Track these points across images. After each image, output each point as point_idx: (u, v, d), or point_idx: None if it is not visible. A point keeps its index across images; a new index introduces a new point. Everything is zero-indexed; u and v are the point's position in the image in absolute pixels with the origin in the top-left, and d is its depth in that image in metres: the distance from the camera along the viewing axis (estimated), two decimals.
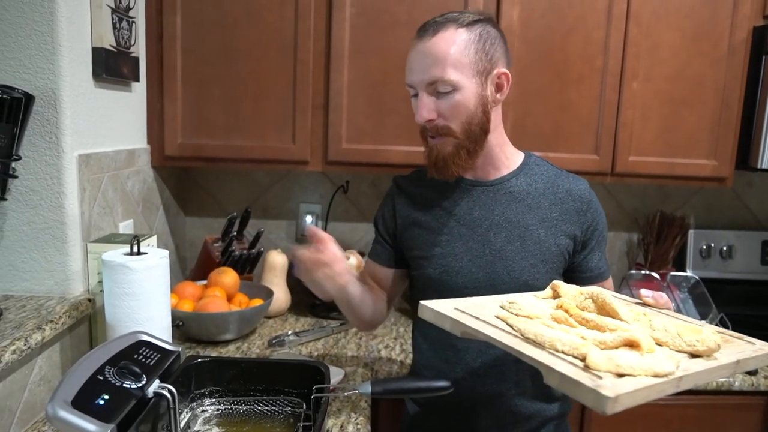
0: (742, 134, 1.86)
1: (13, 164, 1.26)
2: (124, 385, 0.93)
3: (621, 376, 0.68)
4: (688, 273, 2.12)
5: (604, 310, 0.92)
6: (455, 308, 0.94)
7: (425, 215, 1.28)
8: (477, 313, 0.91)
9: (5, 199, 1.28)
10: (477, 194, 1.26)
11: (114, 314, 1.25)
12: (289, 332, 1.74)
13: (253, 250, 1.97)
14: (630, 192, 2.24)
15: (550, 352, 0.76)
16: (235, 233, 1.97)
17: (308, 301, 2.05)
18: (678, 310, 1.89)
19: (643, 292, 1.02)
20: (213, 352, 1.61)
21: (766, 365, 0.81)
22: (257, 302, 1.76)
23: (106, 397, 0.89)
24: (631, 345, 0.76)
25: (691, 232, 2.20)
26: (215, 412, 1.10)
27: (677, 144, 1.86)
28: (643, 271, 2.06)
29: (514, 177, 1.26)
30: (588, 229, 1.26)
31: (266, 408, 1.11)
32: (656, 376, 0.68)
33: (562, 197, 1.25)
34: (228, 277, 1.78)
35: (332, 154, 1.81)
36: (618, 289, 1.76)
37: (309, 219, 2.19)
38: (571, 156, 1.81)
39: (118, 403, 0.89)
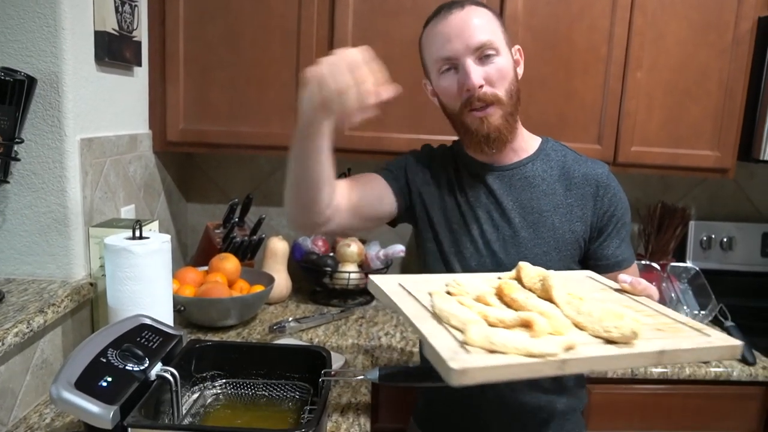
0: (745, 126, 1.86)
1: (15, 147, 1.26)
2: (127, 367, 0.93)
3: (494, 352, 0.69)
4: (688, 264, 2.13)
5: (547, 292, 0.91)
6: (399, 284, 0.94)
7: (440, 195, 1.27)
8: (415, 289, 0.91)
9: (7, 182, 1.28)
10: (492, 178, 1.24)
11: (116, 298, 1.25)
12: (290, 319, 1.75)
13: (255, 237, 1.97)
14: (632, 182, 2.24)
15: (445, 327, 0.76)
16: (236, 219, 1.97)
17: (309, 288, 2.06)
18: (678, 301, 1.90)
19: (621, 277, 1.00)
20: (214, 338, 1.61)
21: (715, 359, 0.79)
22: (258, 288, 1.76)
23: (109, 379, 0.89)
24: (527, 325, 0.76)
25: (691, 223, 2.20)
26: (218, 396, 1.10)
27: (680, 134, 1.85)
28: (643, 262, 2.05)
29: (531, 162, 1.25)
30: (605, 215, 1.22)
31: (269, 392, 1.11)
32: (530, 355, 0.68)
33: (578, 182, 1.23)
34: (229, 263, 1.78)
35: (334, 141, 1.80)
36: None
37: None
38: (574, 145, 1.75)
39: (121, 386, 0.89)
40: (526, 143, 1.27)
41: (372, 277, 0.98)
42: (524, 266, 1.00)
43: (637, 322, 0.77)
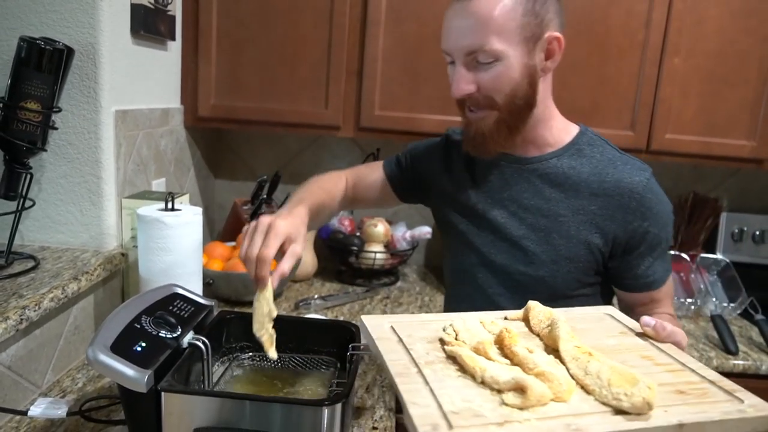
0: None
1: (53, 116, 1.28)
2: (160, 334, 0.94)
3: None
4: (718, 256, 2.09)
5: (555, 341, 0.82)
6: (391, 326, 0.87)
7: (455, 182, 1.23)
8: (407, 335, 0.84)
9: (45, 150, 1.29)
10: (510, 172, 1.14)
11: (148, 268, 1.27)
12: (315, 296, 1.76)
13: None
14: (663, 171, 2.19)
15: (430, 390, 0.69)
16: (264, 197, 1.98)
17: (334, 267, 2.06)
18: (706, 293, 1.87)
19: (644, 320, 0.85)
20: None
21: (748, 431, 0.66)
22: None
23: (143, 344, 0.90)
24: (521, 390, 0.66)
25: (723, 215, 2.16)
26: (246, 368, 1.12)
27: (716, 123, 1.82)
28: (672, 252, 2.03)
29: (556, 157, 1.12)
30: (635, 232, 1.07)
31: (296, 366, 1.12)
32: None
33: (608, 188, 1.07)
34: None
35: (364, 121, 1.80)
36: None
37: None
38: (606, 131, 1.73)
39: (154, 351, 0.90)
40: (555, 137, 1.13)
41: (364, 317, 0.91)
42: (533, 306, 0.92)
43: (651, 388, 0.65)
